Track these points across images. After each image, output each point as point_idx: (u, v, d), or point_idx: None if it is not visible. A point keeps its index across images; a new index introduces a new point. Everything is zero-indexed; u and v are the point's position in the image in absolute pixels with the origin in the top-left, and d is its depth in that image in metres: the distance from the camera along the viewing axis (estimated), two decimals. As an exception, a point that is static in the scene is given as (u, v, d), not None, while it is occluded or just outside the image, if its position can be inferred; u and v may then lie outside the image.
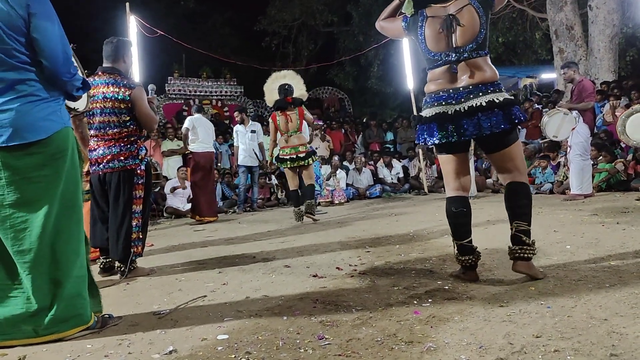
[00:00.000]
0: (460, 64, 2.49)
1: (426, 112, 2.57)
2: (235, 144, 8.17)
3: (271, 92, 6.19)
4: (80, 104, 3.05)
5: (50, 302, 2.08)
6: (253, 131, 8.09)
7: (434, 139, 2.52)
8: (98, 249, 3.53)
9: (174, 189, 8.10)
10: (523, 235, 2.48)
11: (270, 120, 6.09)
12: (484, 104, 2.43)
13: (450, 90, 2.50)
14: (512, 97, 2.51)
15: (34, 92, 2.08)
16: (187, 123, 7.14)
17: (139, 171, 3.38)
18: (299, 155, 5.89)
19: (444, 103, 2.51)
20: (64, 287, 2.11)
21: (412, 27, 2.60)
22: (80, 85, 2.24)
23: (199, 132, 7.02)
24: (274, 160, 6.51)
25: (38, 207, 2.07)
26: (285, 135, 5.94)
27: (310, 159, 5.93)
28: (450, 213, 2.63)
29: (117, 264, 3.39)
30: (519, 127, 10.06)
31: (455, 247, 2.63)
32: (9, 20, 1.99)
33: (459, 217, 2.61)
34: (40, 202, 2.08)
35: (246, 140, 8.00)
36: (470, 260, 2.58)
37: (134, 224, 3.34)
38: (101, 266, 3.48)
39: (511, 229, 2.52)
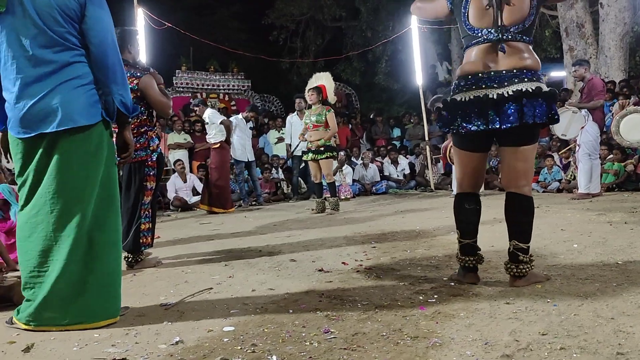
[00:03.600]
0: (510, 43, 2.28)
1: (461, 96, 2.33)
2: (230, 137, 8.17)
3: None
4: None
5: (81, 292, 2.09)
6: (251, 128, 8.17)
7: (472, 126, 2.28)
8: None
9: (176, 191, 8.19)
10: (520, 254, 2.37)
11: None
12: (530, 90, 2.22)
13: (492, 73, 2.28)
14: (555, 92, 2.34)
15: (83, 75, 2.10)
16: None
17: (150, 162, 3.39)
18: (319, 149, 6.27)
19: (483, 86, 2.27)
20: (97, 278, 2.12)
21: (457, 1, 2.40)
22: (127, 101, 2.21)
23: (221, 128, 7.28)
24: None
25: (80, 195, 2.09)
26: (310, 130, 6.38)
27: (327, 154, 6.29)
28: (462, 210, 2.50)
29: (125, 254, 3.42)
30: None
31: (459, 246, 2.53)
32: (65, 4, 2.04)
33: (471, 215, 2.49)
34: (82, 190, 2.09)
35: (244, 135, 8.08)
36: (472, 261, 2.49)
37: (143, 215, 3.37)
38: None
39: (509, 245, 2.42)
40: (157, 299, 2.54)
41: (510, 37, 2.28)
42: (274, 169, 9.45)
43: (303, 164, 8.50)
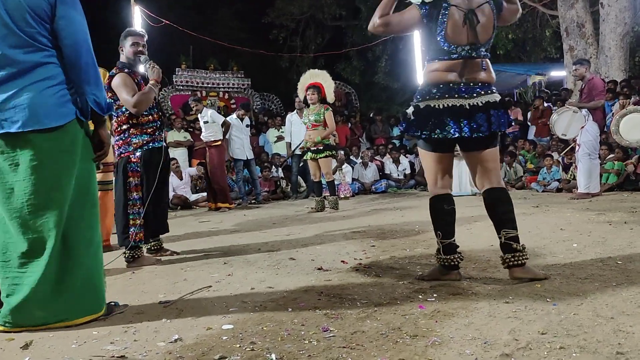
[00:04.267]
0: (474, 60, 2.45)
1: (435, 103, 2.44)
2: (226, 136, 8.16)
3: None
4: None
5: (61, 291, 2.08)
6: (248, 125, 8.17)
7: (446, 133, 2.41)
8: None
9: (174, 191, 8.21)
10: (513, 242, 2.42)
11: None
12: (496, 101, 2.44)
13: (462, 84, 2.44)
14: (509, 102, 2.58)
15: (54, 76, 2.08)
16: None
17: (133, 159, 3.44)
18: (318, 148, 6.27)
19: (456, 95, 2.42)
20: (76, 276, 2.11)
21: (432, 15, 2.42)
22: (100, 100, 2.18)
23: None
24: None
25: (55, 195, 2.08)
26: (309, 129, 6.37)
27: (327, 152, 6.29)
28: (441, 211, 2.55)
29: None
30: (529, 124, 9.99)
31: (441, 246, 2.54)
32: (36, 4, 2.02)
33: (450, 215, 2.55)
34: (57, 190, 2.08)
35: (241, 133, 8.08)
36: (455, 260, 2.52)
37: (130, 211, 3.42)
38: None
39: (500, 237, 2.45)
40: (156, 297, 2.54)
41: (482, 54, 2.47)
42: (273, 167, 9.45)
43: (302, 163, 8.49)
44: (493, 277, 2.60)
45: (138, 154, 3.45)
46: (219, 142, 7.35)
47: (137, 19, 7.25)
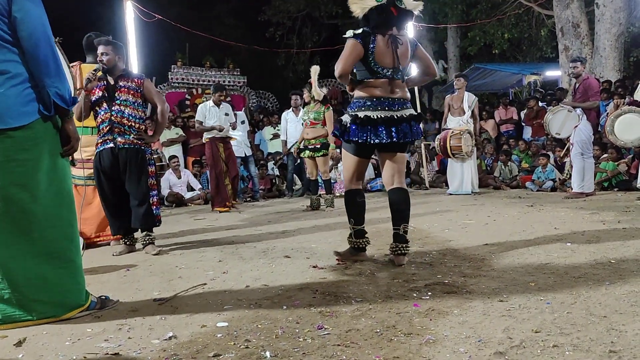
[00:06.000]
0: (397, 81, 2.98)
1: (372, 114, 2.90)
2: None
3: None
4: None
5: (41, 289, 2.08)
6: (243, 121, 8.13)
7: (379, 139, 2.89)
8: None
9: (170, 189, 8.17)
10: (406, 235, 2.95)
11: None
12: (415, 114, 3.00)
13: (390, 99, 2.95)
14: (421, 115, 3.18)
15: (16, 74, 2.02)
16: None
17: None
18: (315, 146, 6.28)
19: (387, 108, 2.92)
20: (56, 274, 2.10)
21: (366, 41, 2.90)
22: (63, 93, 2.11)
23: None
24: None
25: (25, 194, 2.04)
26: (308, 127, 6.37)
27: (324, 151, 6.30)
28: (355, 202, 3.08)
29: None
30: (523, 124, 10.02)
31: (353, 232, 3.07)
32: None
33: (362, 206, 3.09)
34: (27, 188, 2.04)
35: (240, 131, 8.06)
36: (363, 243, 3.07)
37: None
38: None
39: (397, 229, 2.93)
40: (150, 294, 2.53)
41: (400, 77, 3.00)
42: (269, 165, 9.44)
43: (298, 161, 8.49)
44: (487, 275, 2.61)
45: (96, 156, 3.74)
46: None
47: (130, 15, 7.21)
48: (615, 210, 4.78)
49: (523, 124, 10.08)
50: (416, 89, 9.06)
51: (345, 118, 3.00)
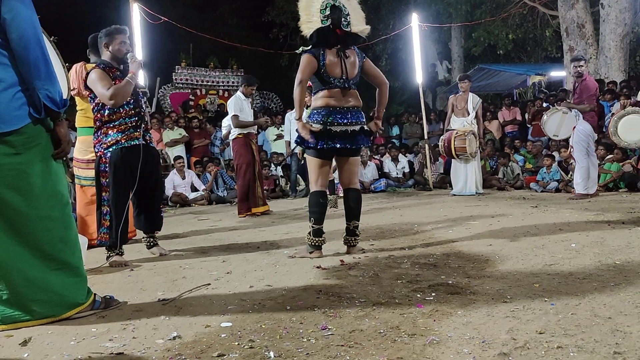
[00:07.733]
0: (350, 90, 3.30)
1: (332, 128, 3.22)
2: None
3: None
4: None
5: (40, 290, 2.08)
6: None
7: (337, 145, 3.24)
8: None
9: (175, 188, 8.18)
10: (357, 229, 3.35)
11: None
12: (365, 127, 3.35)
13: (345, 108, 3.27)
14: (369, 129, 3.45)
15: (5, 79, 2.00)
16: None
17: (104, 159, 3.38)
18: None
19: (342, 123, 3.24)
20: (51, 274, 2.11)
21: (317, 55, 3.22)
22: (54, 95, 2.07)
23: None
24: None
25: (18, 196, 2.03)
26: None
27: None
28: (318, 203, 3.29)
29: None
30: (529, 126, 9.98)
31: (312, 230, 3.26)
32: None
33: (324, 207, 3.32)
34: (19, 190, 2.04)
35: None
36: (321, 241, 3.28)
37: (103, 210, 3.40)
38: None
39: (349, 225, 3.34)
40: (154, 295, 2.54)
41: (352, 85, 3.32)
42: (272, 165, 9.44)
43: (302, 161, 8.48)
44: (491, 276, 2.60)
45: (109, 154, 3.36)
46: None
47: (136, 16, 7.24)
48: (620, 211, 4.76)
49: (529, 125, 10.05)
50: (421, 92, 9.05)
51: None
